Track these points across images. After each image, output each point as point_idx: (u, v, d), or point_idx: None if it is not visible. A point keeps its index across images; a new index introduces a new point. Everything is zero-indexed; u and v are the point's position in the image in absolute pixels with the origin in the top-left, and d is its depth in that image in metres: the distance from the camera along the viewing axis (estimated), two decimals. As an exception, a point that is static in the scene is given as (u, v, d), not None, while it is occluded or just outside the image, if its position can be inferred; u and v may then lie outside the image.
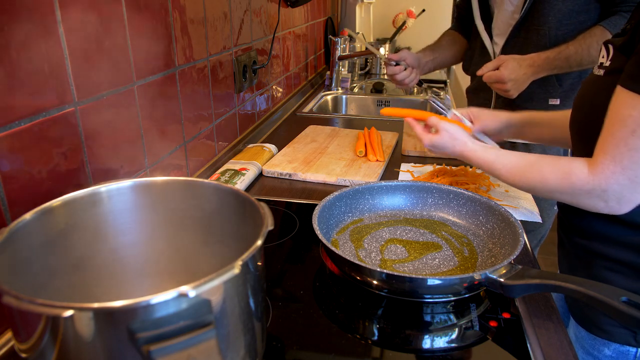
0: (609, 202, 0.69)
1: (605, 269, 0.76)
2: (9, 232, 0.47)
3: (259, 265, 0.48)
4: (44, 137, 0.64)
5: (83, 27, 0.69)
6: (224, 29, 1.17)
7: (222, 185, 0.60)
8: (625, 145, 0.65)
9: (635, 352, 0.76)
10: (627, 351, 0.76)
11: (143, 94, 0.86)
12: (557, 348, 0.62)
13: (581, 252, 0.80)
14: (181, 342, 0.37)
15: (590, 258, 0.78)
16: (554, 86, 1.27)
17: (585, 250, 0.79)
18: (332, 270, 0.76)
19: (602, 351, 0.78)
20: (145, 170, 0.89)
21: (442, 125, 0.90)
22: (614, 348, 0.77)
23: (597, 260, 0.77)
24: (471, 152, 0.85)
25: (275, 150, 1.28)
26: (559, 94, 1.27)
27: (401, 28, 2.63)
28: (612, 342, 0.77)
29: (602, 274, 0.76)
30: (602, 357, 0.78)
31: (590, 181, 0.69)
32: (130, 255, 0.61)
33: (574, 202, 0.73)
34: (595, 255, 0.77)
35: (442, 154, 0.91)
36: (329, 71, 2.11)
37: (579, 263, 0.81)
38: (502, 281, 0.65)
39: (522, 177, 0.78)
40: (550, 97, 1.29)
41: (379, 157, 1.21)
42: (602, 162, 0.68)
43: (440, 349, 0.63)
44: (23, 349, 0.41)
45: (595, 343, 0.78)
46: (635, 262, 0.73)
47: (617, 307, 0.57)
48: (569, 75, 1.24)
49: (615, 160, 0.66)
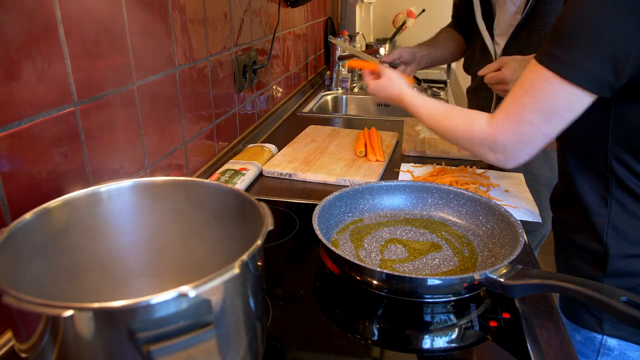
0: (497, 154, 0.78)
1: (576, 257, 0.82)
2: (9, 232, 0.47)
3: (259, 265, 0.48)
4: (44, 137, 0.64)
5: (83, 27, 0.70)
6: (224, 29, 1.17)
7: (222, 185, 0.60)
8: (517, 103, 0.74)
9: (600, 338, 0.79)
10: (594, 337, 0.80)
11: (143, 94, 0.86)
12: (557, 348, 0.62)
13: (562, 243, 0.87)
14: (181, 342, 0.37)
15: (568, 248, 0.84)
16: None
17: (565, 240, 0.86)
18: (332, 270, 0.76)
19: (573, 337, 0.82)
20: (145, 170, 0.89)
21: (385, 72, 1.03)
22: (583, 334, 0.81)
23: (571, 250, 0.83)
24: (406, 95, 0.96)
25: (275, 150, 1.28)
26: None
27: (401, 28, 2.63)
28: (581, 328, 0.80)
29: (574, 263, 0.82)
30: (573, 342, 0.80)
31: (484, 131, 0.78)
32: (130, 255, 0.61)
33: (471, 150, 0.83)
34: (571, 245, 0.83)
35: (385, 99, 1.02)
36: (329, 71, 2.11)
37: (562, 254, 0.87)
38: (502, 281, 0.65)
39: (438, 122, 0.88)
40: None
41: (379, 157, 1.21)
42: (498, 115, 0.77)
43: (440, 349, 0.63)
44: (23, 349, 0.41)
45: (568, 329, 0.80)
46: None
47: (617, 307, 0.57)
48: None
49: (507, 115, 0.75)
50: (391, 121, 1.64)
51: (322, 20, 2.29)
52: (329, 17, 2.38)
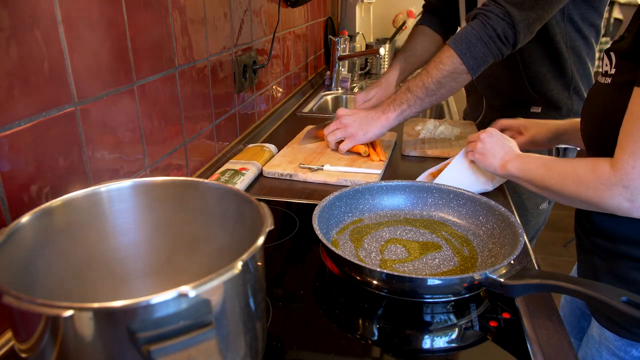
0: (634, 202, 0.68)
1: (632, 269, 0.76)
2: (9, 232, 0.47)
3: (259, 265, 0.48)
4: (44, 137, 0.64)
5: (83, 27, 0.70)
6: (224, 29, 1.17)
7: (222, 185, 0.60)
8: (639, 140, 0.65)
9: None
10: None
11: (143, 94, 0.86)
12: (557, 348, 0.62)
13: (604, 254, 0.79)
14: (181, 342, 0.37)
15: (615, 260, 0.78)
16: (531, 96, 1.30)
17: (609, 252, 0.78)
18: (332, 270, 0.76)
19: (629, 352, 0.77)
20: (145, 170, 0.89)
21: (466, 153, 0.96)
22: None
23: (622, 262, 0.76)
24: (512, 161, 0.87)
25: (275, 150, 1.28)
26: (540, 103, 1.30)
27: (401, 28, 2.63)
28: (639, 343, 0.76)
29: (629, 274, 0.76)
30: (629, 358, 0.78)
31: (611, 177, 0.68)
32: (130, 255, 0.61)
33: (598, 204, 0.72)
34: (620, 256, 0.77)
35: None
36: (329, 71, 2.11)
37: (603, 264, 0.80)
38: (502, 281, 0.65)
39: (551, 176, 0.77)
40: (533, 105, 1.32)
41: (381, 157, 1.21)
42: (621, 158, 0.67)
43: (440, 349, 0.63)
44: (23, 349, 0.41)
45: (621, 344, 0.78)
46: None
47: (617, 307, 0.57)
48: (545, 85, 1.27)
49: (634, 155, 0.66)
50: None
51: (322, 20, 2.29)
52: (329, 17, 2.38)
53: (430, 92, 1.10)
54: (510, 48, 1.06)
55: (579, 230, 0.86)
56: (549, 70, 1.25)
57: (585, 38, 1.24)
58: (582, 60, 1.25)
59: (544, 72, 1.26)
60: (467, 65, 1.06)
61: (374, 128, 1.17)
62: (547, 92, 1.27)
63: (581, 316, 0.97)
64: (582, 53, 1.25)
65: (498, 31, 1.03)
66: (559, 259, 2.64)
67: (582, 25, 1.22)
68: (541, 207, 1.37)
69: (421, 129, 1.43)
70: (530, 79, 1.28)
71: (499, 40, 1.04)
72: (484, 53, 1.05)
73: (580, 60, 1.25)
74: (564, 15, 1.19)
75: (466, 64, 1.06)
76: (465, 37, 1.06)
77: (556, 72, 1.26)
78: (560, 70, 1.25)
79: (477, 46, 1.04)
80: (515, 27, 1.02)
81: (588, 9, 1.20)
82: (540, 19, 1.04)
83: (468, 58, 1.05)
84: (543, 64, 1.25)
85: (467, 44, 1.05)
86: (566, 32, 1.21)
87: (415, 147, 1.31)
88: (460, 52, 1.05)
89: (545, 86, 1.27)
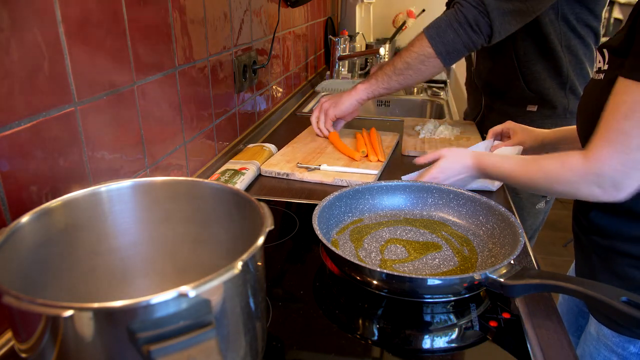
0: (605, 189, 0.69)
1: (630, 267, 0.76)
2: (9, 232, 0.47)
3: (259, 265, 0.48)
4: (44, 137, 0.64)
5: (83, 26, 0.69)
6: (224, 29, 1.17)
7: (222, 185, 0.60)
8: (617, 129, 0.66)
9: None
10: None
11: (143, 94, 0.86)
12: (557, 348, 0.62)
13: (601, 251, 0.80)
14: (181, 342, 0.37)
15: (612, 257, 0.78)
16: (527, 94, 1.30)
17: (606, 249, 0.79)
18: (332, 270, 0.76)
19: (627, 348, 0.78)
20: (145, 170, 0.89)
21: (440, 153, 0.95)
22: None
23: (619, 259, 0.77)
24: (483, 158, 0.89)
25: (275, 150, 1.28)
26: (535, 101, 1.31)
27: (401, 28, 2.63)
28: (637, 340, 0.77)
29: (626, 272, 0.76)
30: (627, 354, 0.78)
31: (584, 165, 0.70)
32: (130, 255, 0.61)
33: (572, 192, 0.73)
34: (617, 253, 0.77)
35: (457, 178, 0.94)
36: (329, 71, 2.11)
37: (600, 262, 0.81)
38: (502, 281, 0.65)
39: (525, 173, 0.80)
40: (529, 103, 1.32)
41: (379, 158, 1.21)
42: (595, 145, 0.69)
43: (440, 349, 0.63)
44: (23, 349, 0.41)
45: (619, 340, 0.78)
46: None
47: (617, 307, 0.57)
48: (540, 84, 1.28)
49: (608, 144, 0.67)
50: (391, 121, 1.64)
51: (322, 20, 2.29)
52: (329, 17, 2.38)
53: (397, 71, 1.17)
54: (484, 37, 1.09)
55: (577, 228, 0.87)
56: (543, 68, 1.26)
57: (582, 38, 1.24)
58: (578, 59, 1.26)
59: (539, 70, 1.26)
60: (436, 49, 1.11)
61: (344, 100, 1.28)
62: (543, 90, 1.28)
63: (579, 314, 0.97)
64: (579, 53, 1.25)
65: (469, 18, 1.07)
66: (558, 259, 2.65)
67: (577, 25, 1.22)
68: (537, 207, 1.37)
69: (421, 129, 1.43)
70: (525, 77, 1.28)
71: (470, 28, 1.07)
72: (453, 39, 1.09)
73: (577, 60, 1.26)
74: (557, 14, 1.20)
75: (434, 47, 1.11)
76: (436, 23, 1.13)
77: (551, 71, 1.26)
78: (555, 69, 1.26)
79: (446, 32, 1.10)
80: (488, 16, 1.05)
81: (582, 9, 1.21)
82: (519, 11, 1.06)
83: (437, 42, 1.11)
84: (538, 62, 1.26)
85: (436, 29, 1.11)
86: (561, 31, 1.22)
87: (415, 147, 1.31)
88: (429, 36, 1.12)
89: (541, 84, 1.27)
